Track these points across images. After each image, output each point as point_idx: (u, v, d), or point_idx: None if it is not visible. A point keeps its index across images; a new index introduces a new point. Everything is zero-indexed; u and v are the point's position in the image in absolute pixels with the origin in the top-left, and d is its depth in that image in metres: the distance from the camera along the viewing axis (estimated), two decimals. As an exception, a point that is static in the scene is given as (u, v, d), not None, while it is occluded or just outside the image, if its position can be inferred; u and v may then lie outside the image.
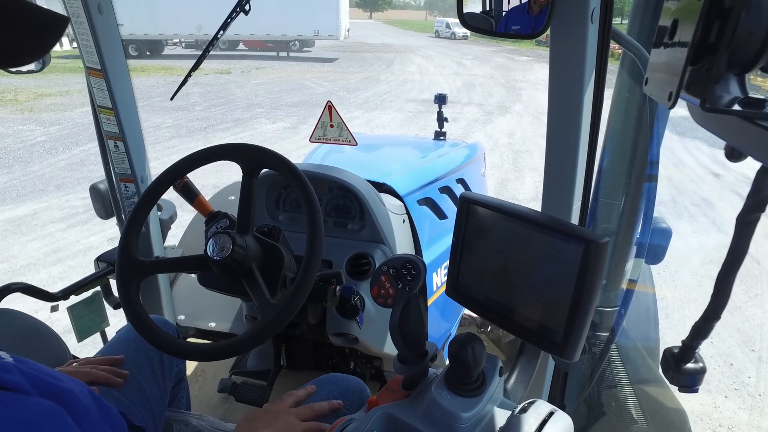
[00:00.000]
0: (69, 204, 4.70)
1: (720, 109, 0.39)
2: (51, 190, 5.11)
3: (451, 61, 19.28)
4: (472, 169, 2.11)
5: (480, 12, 0.94)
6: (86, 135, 7.11)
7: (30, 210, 4.57)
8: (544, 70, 0.92)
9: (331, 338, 1.29)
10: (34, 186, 5.23)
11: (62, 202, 4.74)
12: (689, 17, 0.41)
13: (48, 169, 5.81)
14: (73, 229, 4.13)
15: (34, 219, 4.36)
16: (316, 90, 11.67)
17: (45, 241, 3.92)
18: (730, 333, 2.97)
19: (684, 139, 7.13)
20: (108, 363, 0.97)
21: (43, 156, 6.29)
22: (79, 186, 5.20)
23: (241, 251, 0.88)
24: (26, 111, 8.91)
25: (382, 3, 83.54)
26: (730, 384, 2.55)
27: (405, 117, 8.82)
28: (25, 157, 6.25)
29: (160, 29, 17.09)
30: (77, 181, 5.37)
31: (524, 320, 0.73)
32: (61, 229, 4.13)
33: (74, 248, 3.79)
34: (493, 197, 0.78)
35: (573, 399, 1.24)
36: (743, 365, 2.70)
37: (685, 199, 5.07)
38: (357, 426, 0.70)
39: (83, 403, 0.52)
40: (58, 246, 3.84)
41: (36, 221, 4.31)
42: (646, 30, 1.03)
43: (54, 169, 5.76)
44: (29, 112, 8.81)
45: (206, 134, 7.45)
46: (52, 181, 5.35)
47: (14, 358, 0.49)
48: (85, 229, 4.13)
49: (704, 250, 3.88)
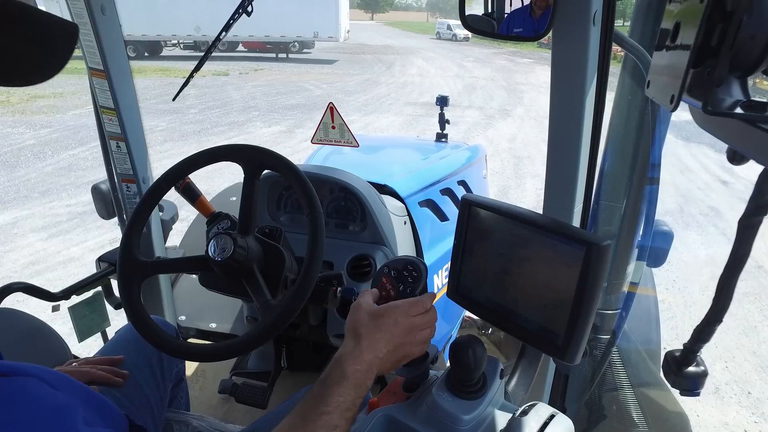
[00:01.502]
0: (53, 212, 4.50)
1: (722, 112, 0.39)
2: (35, 196, 4.87)
3: (452, 63, 19.29)
4: (474, 171, 2.11)
5: (482, 14, 0.94)
6: (77, 138, 6.97)
7: (11, 218, 4.36)
8: (546, 72, 0.91)
9: (332, 339, 1.29)
10: (17, 192, 4.99)
11: (46, 210, 4.54)
12: (691, 20, 0.41)
13: (34, 174, 5.56)
14: (55, 239, 3.94)
15: (15, 227, 4.17)
16: (315, 92, 11.63)
17: (23, 252, 3.74)
18: (746, 357, 2.70)
19: (690, 144, 6.99)
20: (108, 363, 0.97)
21: (30, 160, 6.06)
22: (65, 192, 4.94)
23: (243, 252, 0.88)
24: (17, 113, 8.70)
25: (383, 4, 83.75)
26: (749, 416, 2.28)
27: (404, 121, 8.77)
28: (12, 161, 6.02)
29: (159, 30, 17.09)
30: (63, 187, 5.12)
31: (525, 323, 0.73)
32: (42, 239, 3.95)
33: (54, 260, 3.60)
34: (495, 199, 0.78)
35: (574, 402, 1.24)
36: (763, 393, 2.41)
37: (693, 208, 4.91)
38: (358, 428, 0.70)
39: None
40: (37, 257, 3.64)
41: (16, 230, 4.12)
42: (648, 32, 1.03)
43: (40, 175, 5.55)
44: (20, 114, 8.60)
45: (199, 138, 7.33)
46: (37, 187, 5.10)
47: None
48: (67, 239, 3.96)
49: (714, 264, 3.56)
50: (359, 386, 0.62)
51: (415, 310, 0.71)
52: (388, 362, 0.67)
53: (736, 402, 2.36)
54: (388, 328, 0.68)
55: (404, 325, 0.69)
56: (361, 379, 0.63)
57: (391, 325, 0.68)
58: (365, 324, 0.67)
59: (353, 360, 0.64)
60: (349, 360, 0.64)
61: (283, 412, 0.94)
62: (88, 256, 3.60)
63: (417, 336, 0.71)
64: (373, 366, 0.65)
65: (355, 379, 0.62)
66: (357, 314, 0.69)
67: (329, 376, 0.63)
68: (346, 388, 0.61)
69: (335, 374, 0.62)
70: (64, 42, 0.38)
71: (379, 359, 0.66)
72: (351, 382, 0.61)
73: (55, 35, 0.38)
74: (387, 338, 0.67)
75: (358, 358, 0.64)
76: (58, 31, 0.38)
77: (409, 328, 0.70)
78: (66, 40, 0.38)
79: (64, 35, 0.38)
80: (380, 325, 0.68)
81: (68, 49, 0.39)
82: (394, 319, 0.68)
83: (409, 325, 0.70)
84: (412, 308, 0.71)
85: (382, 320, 0.68)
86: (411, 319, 0.70)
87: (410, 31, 48.60)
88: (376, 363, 0.65)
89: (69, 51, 0.39)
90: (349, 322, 0.70)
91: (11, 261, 3.63)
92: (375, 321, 0.68)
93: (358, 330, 0.67)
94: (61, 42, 0.38)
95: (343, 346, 0.67)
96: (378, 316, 0.69)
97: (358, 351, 0.65)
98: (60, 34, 0.38)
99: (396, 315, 0.69)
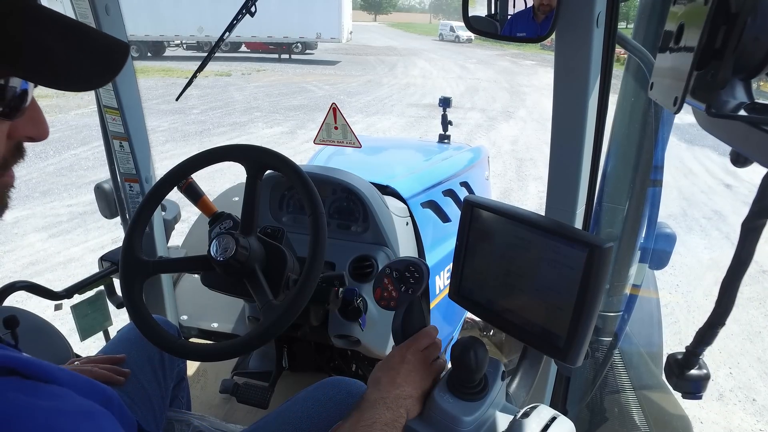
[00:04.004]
0: (53, 212, 4.48)
1: (725, 115, 0.39)
2: (36, 196, 4.83)
3: (455, 64, 19.28)
4: (476, 173, 2.11)
5: (485, 15, 0.94)
6: (79, 138, 6.96)
7: (12, 218, 4.28)
8: (549, 74, 0.91)
9: (334, 340, 1.29)
10: (18, 192, 4.84)
11: (46, 210, 4.51)
12: (695, 22, 0.41)
13: (36, 173, 5.48)
14: (55, 239, 3.93)
15: (15, 228, 4.13)
16: (317, 93, 11.62)
17: (24, 252, 3.72)
18: (751, 363, 2.66)
19: (693, 147, 6.95)
20: (109, 362, 0.97)
21: (32, 160, 5.98)
22: (66, 192, 4.91)
23: (245, 252, 0.88)
24: (20, 113, 8.80)
25: (386, 5, 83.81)
26: (753, 423, 2.25)
27: (406, 122, 8.76)
28: (13, 161, 6.11)
29: (161, 31, 17.10)
30: (64, 187, 5.08)
31: (527, 324, 0.73)
32: (42, 239, 3.93)
33: (54, 260, 3.58)
34: (497, 201, 0.78)
35: (575, 404, 1.24)
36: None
37: (696, 212, 4.87)
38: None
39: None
40: (37, 257, 3.62)
41: (17, 230, 4.09)
42: (651, 34, 1.03)
43: (42, 174, 5.51)
44: (23, 114, 8.70)
45: (201, 138, 7.33)
46: (38, 187, 5.07)
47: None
48: (67, 239, 3.94)
49: (718, 268, 3.53)
50: (390, 408, 0.67)
51: (420, 344, 0.76)
52: (413, 395, 0.71)
53: (741, 408, 2.34)
54: (402, 367, 0.73)
55: (415, 362, 0.74)
56: (392, 405, 0.68)
57: (404, 363, 0.73)
58: (380, 368, 0.73)
59: (377, 392, 0.69)
60: (373, 393, 0.69)
61: (284, 413, 0.95)
62: (89, 256, 3.60)
63: (430, 365, 0.75)
64: (399, 397, 0.69)
65: (384, 403, 0.67)
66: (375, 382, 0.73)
67: (359, 406, 0.68)
68: (379, 409, 0.66)
69: (365, 403, 0.68)
70: (118, 57, 0.47)
71: (403, 393, 0.70)
72: (381, 405, 0.67)
73: (112, 51, 0.47)
74: (404, 376, 0.72)
75: (381, 391, 0.69)
76: (115, 47, 0.47)
77: (421, 361, 0.74)
78: (120, 55, 0.47)
79: (119, 51, 0.47)
80: (393, 365, 0.73)
81: (122, 62, 0.48)
82: (404, 357, 0.74)
83: (420, 358, 0.74)
84: (419, 343, 0.76)
85: (394, 361, 0.73)
86: (420, 353, 0.75)
87: (413, 32, 48.61)
88: (401, 396, 0.70)
89: (122, 63, 0.48)
90: (369, 381, 0.75)
91: (12, 261, 3.62)
92: (388, 363, 0.73)
93: (374, 375, 0.73)
94: (116, 57, 0.47)
95: (366, 392, 0.72)
96: (390, 359, 0.74)
97: (379, 387, 0.70)
98: (116, 50, 0.47)
99: (405, 353, 0.74)
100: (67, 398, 0.44)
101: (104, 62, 0.47)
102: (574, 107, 0.85)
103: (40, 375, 0.44)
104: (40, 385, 0.44)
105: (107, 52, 0.47)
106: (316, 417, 0.91)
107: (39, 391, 0.43)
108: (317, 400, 0.94)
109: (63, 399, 0.44)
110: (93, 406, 0.46)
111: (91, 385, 0.52)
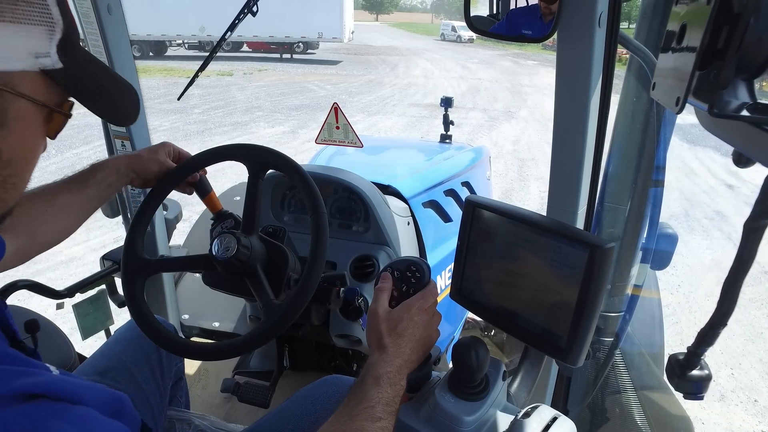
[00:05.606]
0: None
1: (728, 115, 0.39)
2: None
3: (456, 64, 19.27)
4: (478, 173, 2.11)
5: (487, 15, 0.94)
6: (81, 137, 6.94)
7: None
8: (551, 74, 0.91)
9: (335, 340, 1.29)
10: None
11: None
12: (698, 22, 0.41)
13: (37, 173, 5.42)
14: None
15: None
16: (318, 93, 11.61)
17: None
18: (753, 364, 2.66)
19: (695, 147, 6.92)
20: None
21: None
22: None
23: (246, 251, 0.88)
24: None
25: (387, 5, 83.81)
26: (755, 424, 2.26)
27: (408, 122, 8.75)
28: (14, 160, 6.12)
29: (163, 30, 17.09)
30: None
31: (528, 324, 0.73)
32: None
33: (55, 259, 3.55)
34: (499, 201, 0.78)
35: (576, 404, 1.24)
36: (771, 402, 2.37)
37: (698, 212, 4.85)
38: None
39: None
40: (38, 257, 3.60)
41: None
42: (653, 34, 1.03)
43: (43, 174, 5.40)
44: (23, 114, 8.71)
45: (203, 138, 7.32)
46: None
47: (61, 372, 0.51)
48: (69, 238, 3.94)
49: (720, 269, 3.50)
50: (394, 385, 0.66)
51: (426, 302, 0.74)
52: (414, 359, 0.71)
53: (743, 410, 2.34)
54: (409, 331, 0.71)
55: (421, 323, 0.72)
56: (395, 379, 0.66)
57: (411, 326, 0.71)
58: (387, 334, 0.70)
59: (383, 365, 0.67)
60: (379, 365, 0.67)
61: (284, 412, 0.95)
62: (90, 255, 3.60)
63: (433, 325, 0.74)
64: (402, 368, 0.68)
65: (388, 379, 0.66)
66: (376, 324, 0.71)
67: (364, 380, 0.66)
68: (382, 387, 0.65)
69: (369, 378, 0.66)
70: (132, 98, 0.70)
71: (407, 361, 0.69)
72: (386, 381, 0.65)
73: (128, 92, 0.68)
74: (410, 341, 0.70)
75: (387, 363, 0.67)
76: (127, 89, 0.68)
77: (427, 322, 0.73)
78: (134, 95, 0.70)
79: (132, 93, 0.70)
80: (401, 331, 0.70)
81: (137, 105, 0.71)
82: (412, 320, 0.71)
83: (426, 318, 0.73)
84: (425, 301, 0.74)
85: (402, 325, 0.71)
86: (426, 313, 0.73)
87: (414, 32, 48.59)
88: (404, 365, 0.68)
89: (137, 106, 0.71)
90: (371, 335, 0.72)
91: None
92: (395, 329, 0.70)
93: (381, 341, 0.70)
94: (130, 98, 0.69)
95: (371, 356, 0.70)
96: (397, 322, 0.71)
97: (385, 357, 0.68)
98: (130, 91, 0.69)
99: (412, 314, 0.72)
100: (95, 422, 0.45)
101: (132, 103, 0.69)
102: (575, 107, 0.85)
103: (67, 396, 0.45)
104: (68, 408, 0.44)
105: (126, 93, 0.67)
106: (316, 415, 0.91)
107: (68, 415, 0.44)
108: (317, 398, 0.94)
109: (91, 423, 0.45)
110: (117, 428, 0.47)
111: (107, 394, 0.53)
